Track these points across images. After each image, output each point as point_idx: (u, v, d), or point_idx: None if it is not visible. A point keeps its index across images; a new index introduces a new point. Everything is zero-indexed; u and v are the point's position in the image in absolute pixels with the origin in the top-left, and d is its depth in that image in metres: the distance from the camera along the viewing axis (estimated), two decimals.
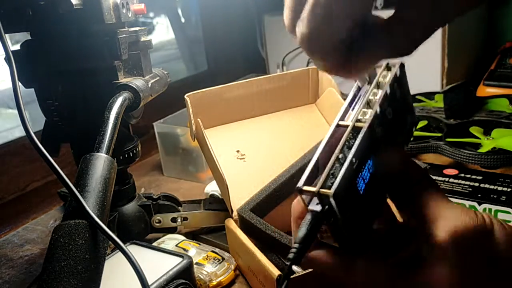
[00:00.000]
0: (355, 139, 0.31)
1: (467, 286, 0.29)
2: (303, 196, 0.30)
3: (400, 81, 0.35)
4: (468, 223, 0.29)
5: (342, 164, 0.30)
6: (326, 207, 0.30)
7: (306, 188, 0.30)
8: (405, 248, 0.32)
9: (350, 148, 0.31)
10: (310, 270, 0.44)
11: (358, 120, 0.32)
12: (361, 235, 0.32)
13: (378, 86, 0.34)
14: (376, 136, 0.32)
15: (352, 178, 0.30)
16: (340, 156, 0.30)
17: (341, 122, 0.33)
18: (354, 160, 0.30)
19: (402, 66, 0.35)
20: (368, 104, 0.33)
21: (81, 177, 0.41)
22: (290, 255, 0.31)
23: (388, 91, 0.33)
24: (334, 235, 0.31)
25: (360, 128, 0.31)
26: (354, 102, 0.34)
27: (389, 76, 0.34)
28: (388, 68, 0.35)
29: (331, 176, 0.30)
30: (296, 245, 0.31)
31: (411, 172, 0.33)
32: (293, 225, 0.33)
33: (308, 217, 0.31)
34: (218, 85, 0.67)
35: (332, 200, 0.29)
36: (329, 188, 0.29)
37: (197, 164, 0.86)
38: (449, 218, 0.30)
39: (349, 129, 0.32)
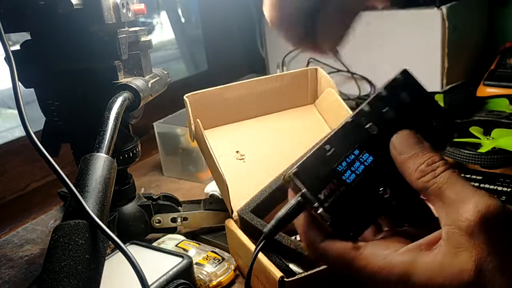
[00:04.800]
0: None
1: (493, 270, 0.29)
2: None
3: (406, 86, 0.36)
4: (495, 207, 0.29)
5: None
6: (303, 190, 0.33)
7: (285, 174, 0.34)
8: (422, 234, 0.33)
9: None
10: (312, 271, 0.44)
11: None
12: (357, 224, 0.34)
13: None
14: (366, 130, 0.35)
15: (327, 163, 0.34)
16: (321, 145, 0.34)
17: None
18: (327, 147, 0.34)
19: (404, 72, 0.37)
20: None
21: (81, 177, 0.41)
22: (267, 232, 0.35)
23: (384, 93, 0.36)
24: (324, 220, 0.33)
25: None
26: None
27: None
28: None
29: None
30: (274, 223, 0.35)
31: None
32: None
33: (292, 201, 0.34)
34: (218, 85, 0.67)
35: (294, 178, 0.33)
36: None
37: (197, 164, 0.86)
38: (475, 202, 0.30)
39: (340, 124, 0.35)
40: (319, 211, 0.33)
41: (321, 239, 0.34)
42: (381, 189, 0.34)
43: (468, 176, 0.70)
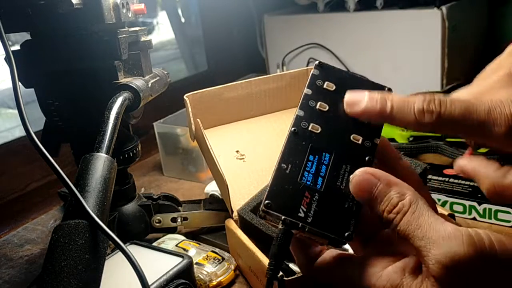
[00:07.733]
0: None
1: None
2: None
3: (325, 76, 0.37)
4: (460, 255, 0.28)
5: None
6: (282, 217, 0.32)
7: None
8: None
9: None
10: None
11: None
12: (346, 222, 0.32)
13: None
14: (310, 132, 0.34)
15: (290, 180, 0.32)
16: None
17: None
18: (283, 165, 0.33)
19: (318, 65, 0.38)
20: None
21: (81, 177, 0.41)
22: (268, 273, 0.32)
23: (309, 92, 0.36)
24: (316, 235, 0.32)
25: None
26: None
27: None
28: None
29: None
30: (272, 261, 0.33)
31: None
32: None
33: (278, 233, 0.33)
34: (218, 85, 0.67)
35: (267, 211, 0.31)
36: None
37: (197, 164, 0.86)
38: (438, 253, 0.29)
39: (285, 139, 0.34)
40: (306, 229, 0.32)
41: (313, 261, 0.35)
42: (351, 177, 0.34)
43: None
